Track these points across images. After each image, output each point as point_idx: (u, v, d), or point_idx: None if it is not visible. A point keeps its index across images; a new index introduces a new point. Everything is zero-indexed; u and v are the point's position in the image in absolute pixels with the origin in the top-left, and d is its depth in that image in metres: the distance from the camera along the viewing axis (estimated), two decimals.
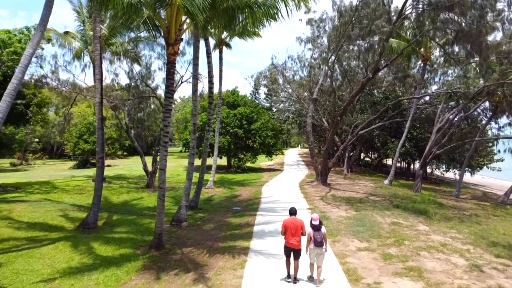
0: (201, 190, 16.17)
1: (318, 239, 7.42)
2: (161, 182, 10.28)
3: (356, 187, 22.01)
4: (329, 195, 19.05)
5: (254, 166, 34.08)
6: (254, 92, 67.04)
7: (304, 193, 19.61)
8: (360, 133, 22.07)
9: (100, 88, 12.69)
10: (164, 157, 10.26)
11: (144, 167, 20.75)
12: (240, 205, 16.89)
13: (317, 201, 17.09)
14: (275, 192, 19.82)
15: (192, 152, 13.66)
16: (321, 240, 7.43)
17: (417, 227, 12.38)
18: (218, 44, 22.83)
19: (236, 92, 35.06)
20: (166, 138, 10.24)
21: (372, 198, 18.32)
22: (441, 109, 21.82)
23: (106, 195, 18.08)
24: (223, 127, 30.21)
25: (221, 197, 19.11)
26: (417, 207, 15.47)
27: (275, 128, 32.56)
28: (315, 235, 7.44)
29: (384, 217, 13.77)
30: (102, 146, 12.74)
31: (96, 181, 12.83)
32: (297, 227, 7.52)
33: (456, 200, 20.68)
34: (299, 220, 7.66)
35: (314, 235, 7.45)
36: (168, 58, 10.09)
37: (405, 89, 29.91)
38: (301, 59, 30.89)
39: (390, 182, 23.38)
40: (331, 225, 12.24)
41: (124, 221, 13.67)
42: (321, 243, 7.40)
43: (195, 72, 13.18)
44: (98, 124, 12.71)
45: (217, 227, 12.73)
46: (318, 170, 22.39)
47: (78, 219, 13.19)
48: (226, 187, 22.25)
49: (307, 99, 33.36)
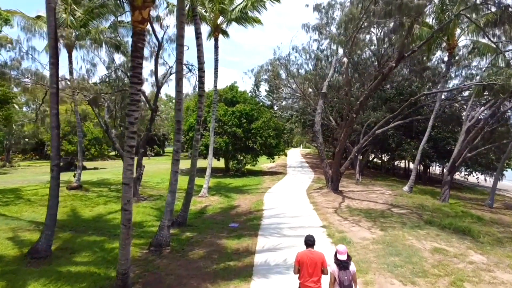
0: (190, 202, 13.24)
1: (346, 281, 5.12)
2: (125, 202, 7.35)
3: (372, 195, 19.08)
4: (343, 206, 16.13)
5: (254, 169, 31.14)
6: (255, 89, 64.10)
7: (313, 203, 16.69)
8: (376, 133, 19.16)
9: (55, 74, 9.75)
10: (129, 168, 7.32)
11: None
12: (238, 219, 13.97)
13: (331, 215, 14.17)
14: (279, 202, 16.89)
15: (176, 157, 10.71)
16: (350, 283, 5.14)
17: (470, 256, 9.44)
18: (213, 30, 19.87)
19: (235, 87, 32.10)
20: (132, 141, 7.31)
21: (395, 210, 15.40)
22: (470, 105, 18.85)
23: (77, 207, 15.17)
24: (220, 126, 27.29)
25: (215, 208, 16.18)
26: (457, 224, 12.53)
27: (277, 127, 29.62)
28: (341, 275, 5.18)
29: (420, 239, 10.84)
30: (58, 150, 9.82)
31: (50, 196, 9.90)
32: (316, 264, 5.41)
33: (491, 211, 17.75)
34: (318, 254, 5.51)
35: (339, 276, 5.19)
36: (134, 28, 7.16)
37: (422, 84, 26.98)
38: (307, 51, 27.93)
39: (410, 188, 20.45)
40: (356, 254, 9.33)
41: (89, 244, 10.75)
42: (350, 286, 5.12)
43: (179, 56, 10.24)
44: (53, 122, 9.79)
45: (208, 254, 9.80)
46: (328, 175, 19.47)
47: (30, 243, 10.28)
48: (223, 195, 19.33)
49: (313, 95, 30.44)
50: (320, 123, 19.70)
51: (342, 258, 5.31)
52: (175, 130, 10.56)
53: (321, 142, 19.69)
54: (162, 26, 16.67)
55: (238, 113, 27.82)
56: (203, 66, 12.15)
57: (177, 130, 10.58)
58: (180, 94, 10.41)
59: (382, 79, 15.26)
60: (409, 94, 27.97)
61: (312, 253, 5.54)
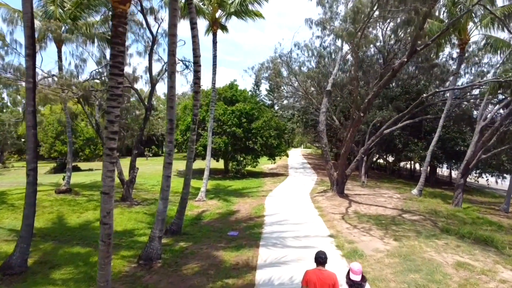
0: (185, 208, 12.16)
1: None
2: (104, 214, 6.28)
3: (380, 199, 18.00)
4: (351, 211, 15.05)
5: (255, 170, 30.05)
6: (255, 89, 63.03)
7: (318, 208, 15.61)
8: (384, 133, 18.08)
9: (32, 67, 8.66)
10: (108, 174, 6.23)
11: (119, 175, 16.76)
12: (238, 226, 12.90)
13: (338, 222, 13.09)
14: (282, 207, 15.82)
15: (169, 160, 9.61)
16: None
17: (499, 272, 8.35)
18: (211, 25, 18.81)
19: (235, 86, 30.99)
20: (112, 143, 6.22)
21: (407, 216, 14.31)
22: (485, 103, 17.75)
23: (64, 213, 14.08)
24: (219, 126, 26.21)
25: (213, 214, 15.10)
26: (477, 233, 11.44)
27: (278, 127, 28.51)
28: None
29: (440, 251, 9.76)
30: (34, 152, 8.73)
31: (26, 204, 8.81)
32: (327, 286, 4.69)
33: (507, 217, 16.66)
34: (329, 274, 4.82)
35: None
36: (114, 10, 6.08)
37: (429, 82, 25.92)
38: (309, 48, 26.86)
39: (420, 191, 19.36)
40: (371, 269, 8.26)
41: (72, 257, 9.67)
42: None
43: (172, 47, 9.15)
44: (29, 121, 8.72)
45: (203, 269, 8.71)
46: (333, 178, 18.39)
47: (6, 255, 9.20)
48: (221, 199, 18.24)
49: (315, 94, 29.36)
50: (324, 123, 18.61)
51: (356, 279, 4.71)
52: (167, 130, 9.46)
53: (325, 142, 18.60)
54: (156, 19, 15.61)
55: (238, 112, 26.75)
56: (199, 59, 11.06)
57: (169, 130, 9.47)
58: (172, 90, 9.32)
59: (392, 75, 14.17)
60: (415, 93, 26.92)
61: (322, 273, 4.78)
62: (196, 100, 11.36)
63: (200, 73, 11.17)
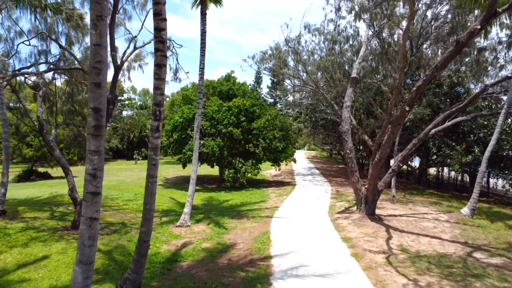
0: (146, 256, 7.54)
1: None
2: None
3: (426, 224, 13.41)
4: (395, 246, 10.46)
5: (256, 178, 25.42)
6: (256, 86, 58.50)
7: (346, 240, 11.02)
8: (431, 134, 13.56)
9: None
10: None
11: (70, 192, 12.17)
12: (231, 279, 8.30)
13: (384, 272, 8.49)
14: (295, 238, 11.24)
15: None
16: None
17: None
18: None
19: (232, 78, 26.43)
20: None
21: (481, 257, 9.72)
22: None
23: None
24: (213, 126, 21.64)
25: (197, 250, 10.44)
26: None
27: (284, 127, 23.92)
28: None
29: None
30: None
31: None
32: None
33: None
34: None
35: None
36: None
37: (470, 71, 21.37)
38: (322, 32, 22.36)
39: (472, 211, 14.78)
40: None
41: None
42: None
43: None
44: None
45: None
46: (361, 194, 13.82)
47: None
48: (212, 222, 13.64)
49: (325, 88, 24.82)
50: (349, 121, 14.04)
51: None
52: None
53: (350, 147, 14.01)
54: None
55: (235, 109, 22.18)
56: (163, 8, 6.49)
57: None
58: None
59: (458, 49, 9.62)
60: (448, 86, 22.43)
61: None
62: (160, 80, 6.75)
63: (165, 33, 6.57)
